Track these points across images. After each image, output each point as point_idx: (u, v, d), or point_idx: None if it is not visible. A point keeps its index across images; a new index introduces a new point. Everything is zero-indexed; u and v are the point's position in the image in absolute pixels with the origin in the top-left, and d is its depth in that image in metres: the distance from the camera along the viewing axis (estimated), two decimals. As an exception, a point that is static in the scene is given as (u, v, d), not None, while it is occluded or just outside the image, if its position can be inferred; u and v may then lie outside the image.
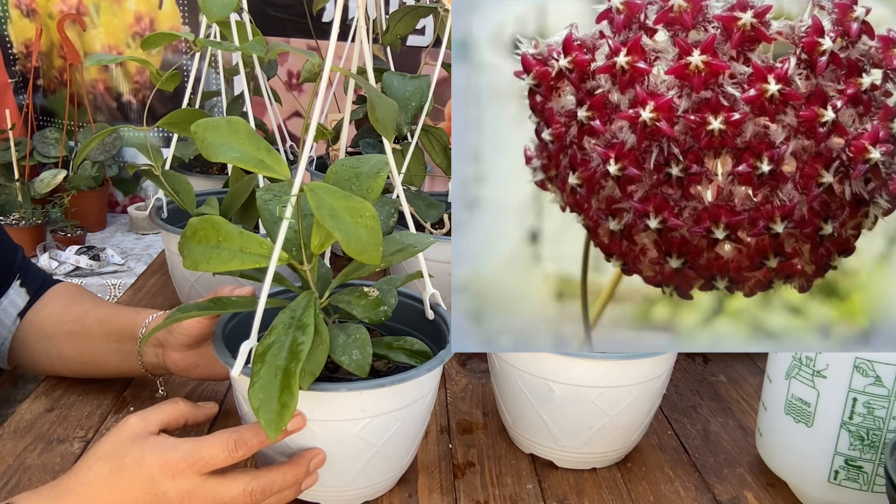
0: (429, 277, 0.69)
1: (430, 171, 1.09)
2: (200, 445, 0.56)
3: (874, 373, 0.60)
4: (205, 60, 1.28)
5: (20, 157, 2.01)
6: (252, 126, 0.58)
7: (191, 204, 0.92)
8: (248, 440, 0.57)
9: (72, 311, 0.81)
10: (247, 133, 0.55)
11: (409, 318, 0.72)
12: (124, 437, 0.57)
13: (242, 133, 0.55)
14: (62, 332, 0.79)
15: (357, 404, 0.58)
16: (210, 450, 0.56)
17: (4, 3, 2.09)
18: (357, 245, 0.52)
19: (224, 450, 0.56)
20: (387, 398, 0.60)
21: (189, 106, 1.07)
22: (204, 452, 0.55)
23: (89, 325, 0.78)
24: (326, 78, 0.55)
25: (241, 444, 0.56)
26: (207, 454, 0.55)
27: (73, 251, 1.97)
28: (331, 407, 0.59)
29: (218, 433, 0.57)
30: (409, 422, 0.63)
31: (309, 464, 0.59)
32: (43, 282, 0.84)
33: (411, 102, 0.87)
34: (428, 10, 1.04)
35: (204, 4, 0.82)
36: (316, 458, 0.60)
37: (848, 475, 0.63)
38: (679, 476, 0.72)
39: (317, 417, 0.59)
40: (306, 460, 0.59)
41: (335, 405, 0.58)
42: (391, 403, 0.60)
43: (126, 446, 0.56)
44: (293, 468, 0.58)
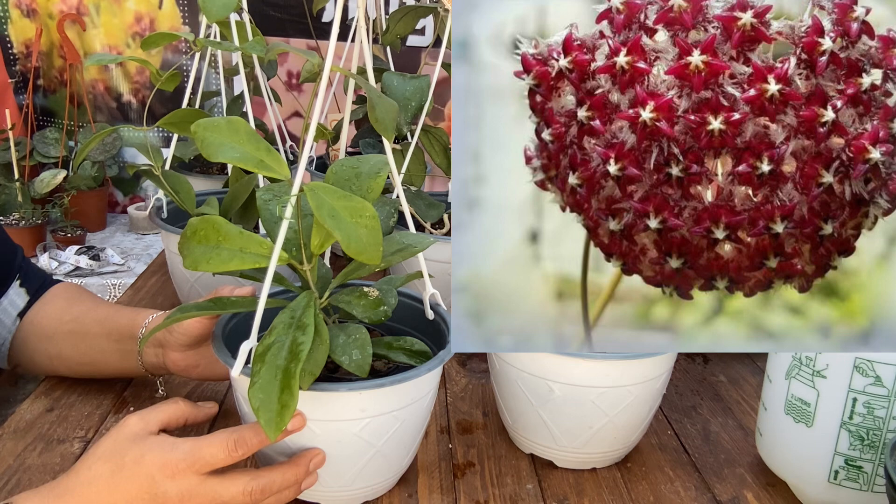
0: (429, 277, 0.69)
1: (430, 171, 1.09)
2: (200, 445, 0.56)
3: (874, 373, 0.60)
4: (205, 60, 1.28)
5: (20, 157, 2.01)
6: (252, 126, 0.58)
7: (191, 204, 0.92)
8: (248, 440, 0.56)
9: (71, 311, 0.81)
10: (247, 133, 0.55)
11: (409, 318, 0.72)
12: (124, 436, 0.57)
13: (242, 133, 0.55)
14: (62, 332, 0.79)
15: (357, 404, 0.58)
16: (210, 449, 0.56)
17: (5, 3, 2.09)
18: (357, 245, 0.52)
19: (224, 449, 0.56)
20: (387, 398, 0.60)
21: (189, 106, 1.07)
22: (203, 452, 0.55)
23: (89, 326, 0.78)
24: (326, 78, 0.55)
25: (241, 443, 0.56)
26: (207, 454, 0.55)
27: (73, 251, 1.97)
28: (331, 407, 0.59)
29: (218, 433, 0.57)
30: (409, 422, 0.63)
31: (309, 464, 0.59)
32: (42, 282, 0.84)
33: (411, 102, 0.87)
34: (428, 10, 1.04)
35: (204, 4, 0.82)
36: (316, 458, 0.60)
37: (848, 475, 0.63)
38: (679, 476, 0.72)
39: (317, 417, 0.59)
40: (306, 460, 0.59)
41: (335, 405, 0.59)
42: (391, 403, 0.60)
43: (126, 446, 0.56)
44: (293, 468, 0.58)
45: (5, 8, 2.10)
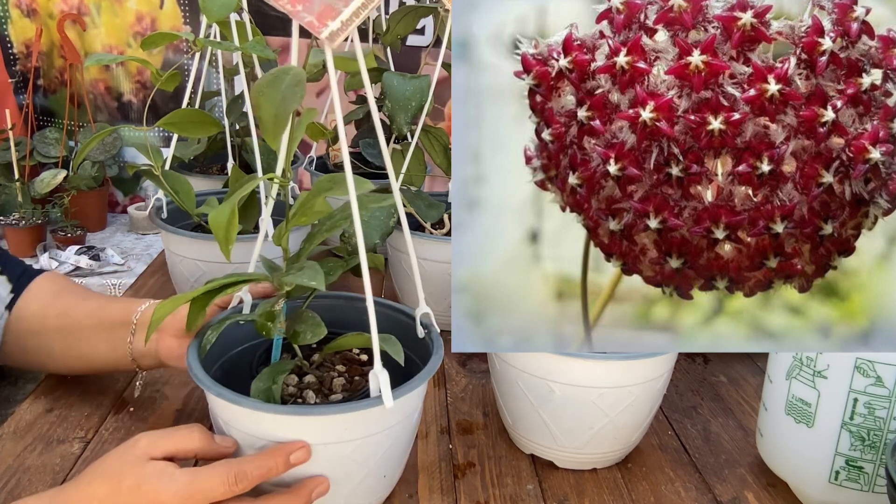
0: (423, 297, 0.66)
1: (430, 171, 1.09)
2: (199, 478, 0.54)
3: (875, 373, 0.60)
4: (205, 60, 1.27)
5: (20, 157, 2.01)
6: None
7: (191, 204, 0.92)
8: (249, 473, 0.54)
9: (57, 304, 0.79)
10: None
11: (394, 328, 0.71)
12: (128, 457, 0.55)
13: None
14: (50, 327, 0.77)
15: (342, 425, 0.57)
16: (209, 483, 0.54)
17: (5, 3, 2.09)
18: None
19: (223, 483, 0.54)
20: (373, 419, 0.58)
21: (189, 106, 1.07)
22: (202, 485, 0.54)
23: (77, 318, 0.77)
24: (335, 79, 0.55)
25: (242, 477, 0.54)
26: (206, 487, 0.54)
27: (73, 251, 1.97)
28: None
29: (218, 465, 0.55)
30: (400, 438, 0.61)
31: (311, 494, 0.57)
32: (23, 271, 0.82)
33: (411, 102, 0.87)
34: (428, 10, 1.04)
35: (204, 4, 0.82)
36: (319, 487, 0.57)
37: (849, 476, 0.63)
38: (679, 476, 0.72)
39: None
40: (308, 490, 0.57)
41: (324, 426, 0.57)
42: (377, 425, 0.58)
43: (126, 469, 0.55)
44: (294, 498, 0.56)
45: (5, 8, 2.10)
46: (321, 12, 0.48)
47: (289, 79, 0.51)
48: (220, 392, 0.57)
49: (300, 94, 0.50)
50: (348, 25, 0.48)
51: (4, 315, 0.79)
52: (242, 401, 0.56)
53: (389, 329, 0.67)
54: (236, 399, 0.56)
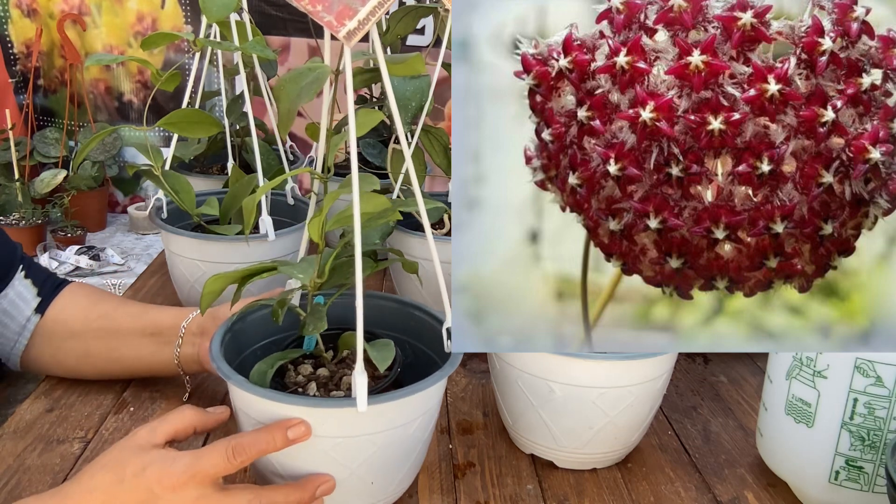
0: (449, 307, 0.65)
1: (430, 171, 1.09)
2: (199, 456, 0.55)
3: (875, 373, 0.60)
4: (205, 60, 1.27)
5: (20, 157, 2.01)
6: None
7: (191, 204, 0.92)
8: (247, 446, 0.55)
9: (98, 308, 0.81)
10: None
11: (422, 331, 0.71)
12: (129, 448, 0.57)
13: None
14: (91, 329, 0.79)
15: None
16: (209, 459, 0.55)
17: (5, 3, 2.10)
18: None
19: (223, 457, 0.55)
20: (395, 411, 0.58)
21: (189, 105, 1.07)
22: (203, 462, 0.55)
23: (120, 321, 0.79)
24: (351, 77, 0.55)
25: (240, 450, 0.55)
26: (207, 464, 0.55)
27: (73, 251, 1.97)
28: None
29: (216, 443, 0.56)
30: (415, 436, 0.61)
31: (316, 489, 0.57)
32: (48, 277, 0.83)
33: (411, 102, 0.87)
34: (428, 10, 1.04)
35: (204, 4, 0.82)
36: (324, 484, 0.58)
37: (849, 476, 0.63)
38: (679, 476, 0.72)
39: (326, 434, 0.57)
40: (313, 485, 0.57)
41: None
42: (403, 417, 0.59)
43: (128, 457, 0.56)
44: (298, 491, 0.57)
45: (5, 8, 2.10)
46: (340, 12, 0.49)
47: (312, 76, 0.52)
48: (220, 366, 0.59)
49: (314, 91, 0.51)
50: (365, 24, 0.49)
51: (32, 318, 0.80)
52: (233, 378, 0.58)
53: (417, 332, 0.68)
54: (228, 374, 0.58)
